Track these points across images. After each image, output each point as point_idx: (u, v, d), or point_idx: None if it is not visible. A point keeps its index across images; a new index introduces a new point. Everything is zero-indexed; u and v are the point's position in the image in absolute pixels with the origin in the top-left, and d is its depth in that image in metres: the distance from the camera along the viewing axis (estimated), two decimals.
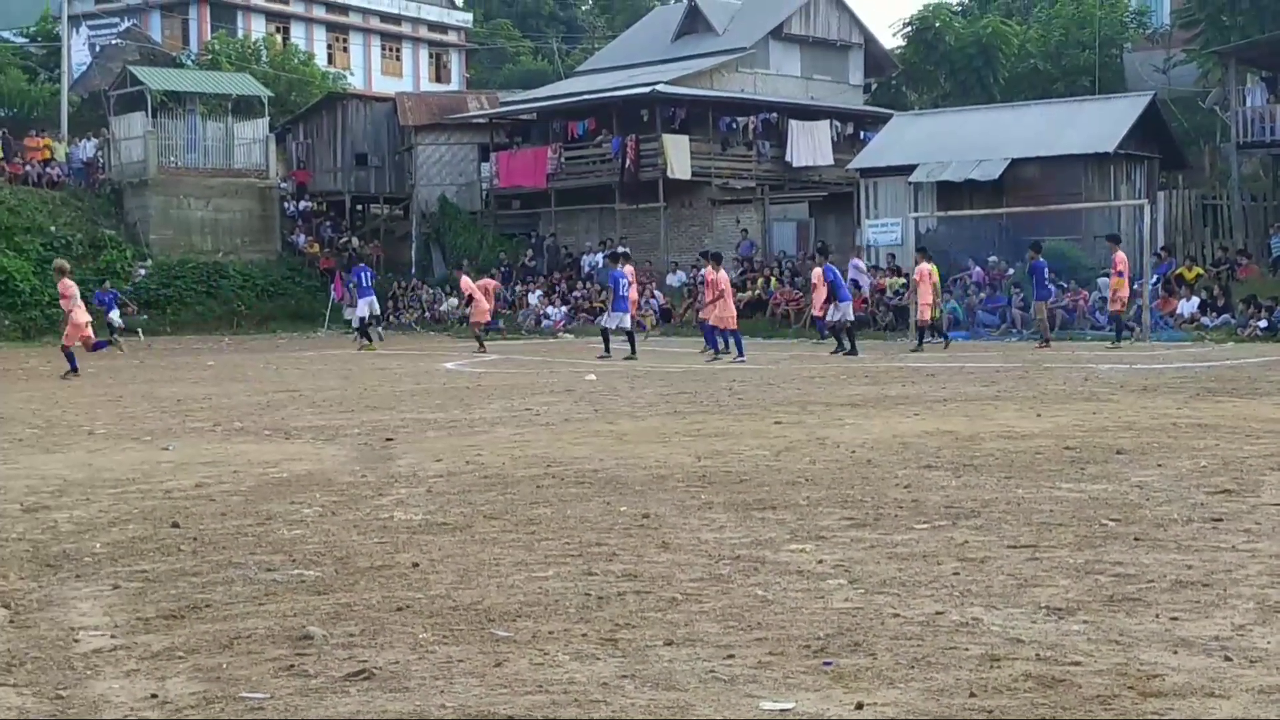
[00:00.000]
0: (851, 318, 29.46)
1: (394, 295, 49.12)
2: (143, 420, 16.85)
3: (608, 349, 28.64)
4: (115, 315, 36.44)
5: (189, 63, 62.20)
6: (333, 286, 46.86)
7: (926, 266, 30.78)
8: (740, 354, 26.93)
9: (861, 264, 39.64)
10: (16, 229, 44.58)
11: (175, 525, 9.14)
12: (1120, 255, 30.02)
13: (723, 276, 28.56)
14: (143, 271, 45.41)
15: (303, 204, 55.04)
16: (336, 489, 10.70)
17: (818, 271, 29.50)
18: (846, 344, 28.59)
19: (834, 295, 28.78)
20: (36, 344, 39.25)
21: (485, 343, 32.72)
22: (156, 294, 44.63)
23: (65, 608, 7.01)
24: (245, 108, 50.78)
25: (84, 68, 62.31)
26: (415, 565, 7.64)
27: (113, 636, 6.38)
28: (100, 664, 5.92)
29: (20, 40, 64.57)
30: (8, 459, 13.24)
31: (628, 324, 29.46)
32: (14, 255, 43.28)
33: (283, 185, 53.28)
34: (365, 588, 7.15)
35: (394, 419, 16.26)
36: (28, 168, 48.21)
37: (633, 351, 28.36)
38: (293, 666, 5.70)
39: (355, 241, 53.29)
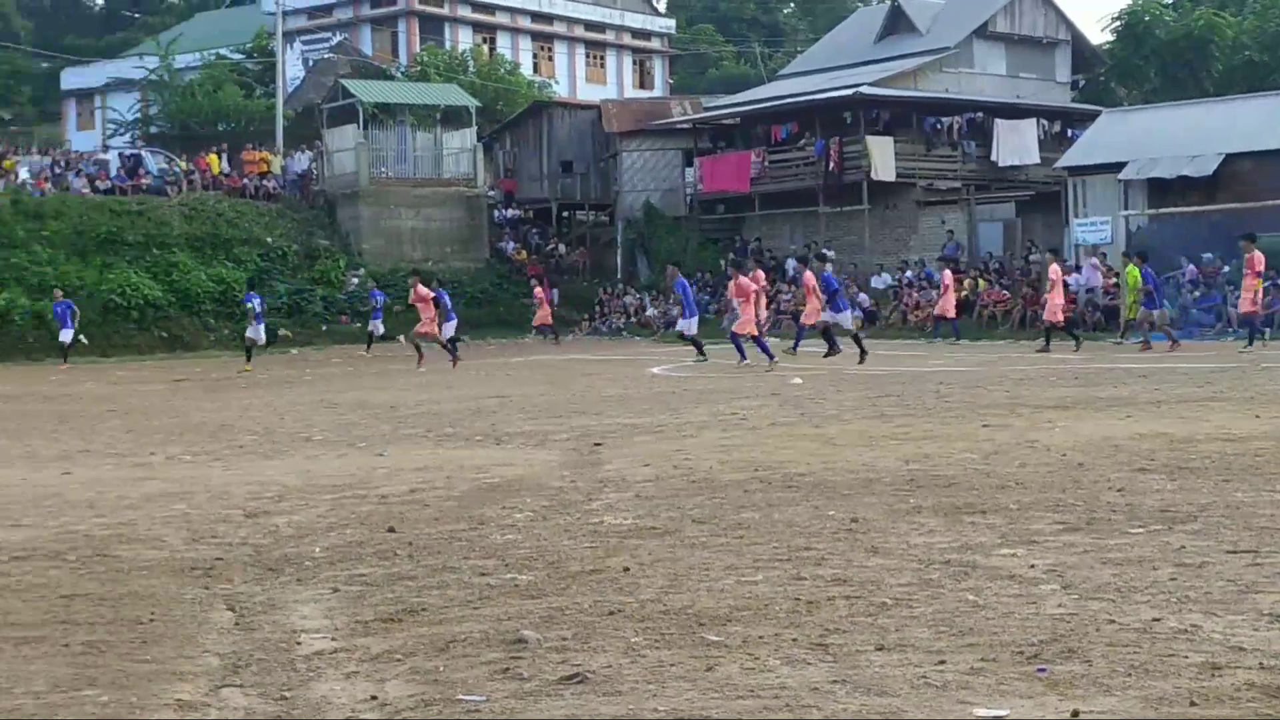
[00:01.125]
0: (848, 325, 28.97)
1: (600, 301, 49.55)
2: (358, 427, 17.25)
3: (834, 348, 28.39)
4: (378, 324, 37.32)
5: (398, 75, 63.50)
6: (535, 293, 47.45)
7: (1058, 267, 30.52)
8: (743, 357, 27.31)
9: (1097, 263, 38.85)
10: (235, 240, 46.00)
11: (391, 530, 9.34)
12: (1257, 255, 28.96)
13: (745, 283, 28.31)
14: (355, 280, 46.45)
15: (510, 212, 55.82)
16: (547, 494, 10.83)
17: (809, 276, 29.63)
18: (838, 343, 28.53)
19: (831, 301, 28.40)
20: (256, 353, 40.39)
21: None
22: (369, 302, 45.64)
23: (287, 611, 7.21)
24: (453, 118, 51.67)
25: (298, 82, 64.01)
26: (625, 569, 7.69)
27: (333, 639, 6.54)
28: (322, 666, 6.07)
29: (237, 57, 66.59)
30: (230, 465, 13.65)
31: (694, 329, 29.50)
32: (232, 266, 44.64)
33: (490, 194, 54.08)
34: (577, 592, 7.22)
35: (602, 424, 16.39)
36: (245, 181, 49.68)
37: (700, 353, 29.24)
38: (508, 670, 5.79)
39: (562, 248, 53.88)
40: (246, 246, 46.05)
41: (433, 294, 31.70)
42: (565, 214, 57.73)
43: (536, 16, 76.24)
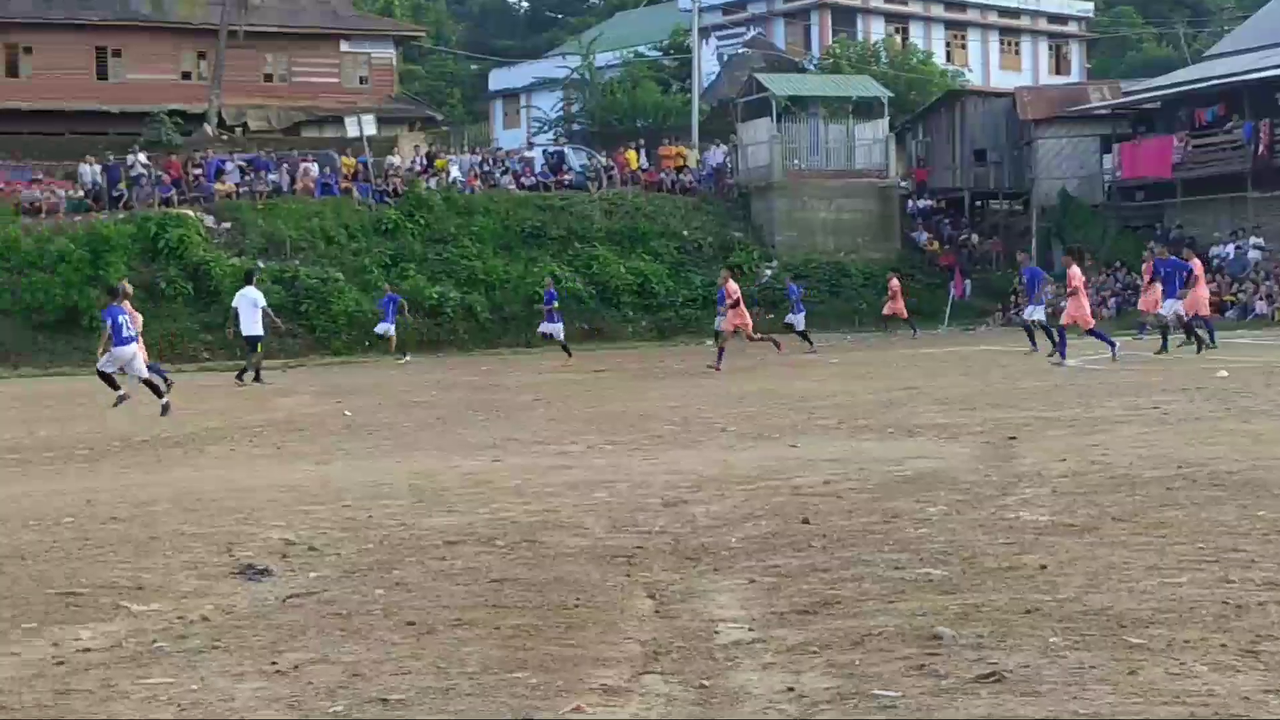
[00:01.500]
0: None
1: (1014, 290, 48.57)
2: (770, 418, 17.42)
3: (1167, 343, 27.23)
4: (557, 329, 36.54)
5: (811, 68, 63.76)
6: (953, 284, 46.89)
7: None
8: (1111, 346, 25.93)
9: None
10: (652, 234, 47.08)
11: (805, 521, 9.41)
12: None
13: (1075, 273, 26.65)
14: (769, 272, 46.90)
15: (922, 202, 55.31)
16: (961, 488, 10.71)
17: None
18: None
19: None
20: (671, 344, 41.30)
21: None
22: (781, 294, 45.96)
23: (705, 600, 7.36)
24: (865, 109, 51.56)
25: (713, 77, 65.02)
26: (1043, 567, 7.55)
27: (750, 629, 6.64)
28: (739, 656, 6.18)
29: (655, 55, 68.12)
30: (649, 455, 14.00)
31: (1039, 315, 28.22)
32: (650, 259, 45.71)
33: (902, 184, 53.73)
34: (992, 588, 7.13)
35: (1016, 417, 16.09)
36: (662, 175, 50.77)
37: (1032, 343, 28.77)
38: (923, 666, 5.76)
39: (975, 238, 53.08)
40: (663, 239, 47.08)
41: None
42: (978, 203, 56.82)
43: (950, 5, 75.26)
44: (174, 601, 7.66)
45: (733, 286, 28.98)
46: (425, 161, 49.44)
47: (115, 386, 21.52)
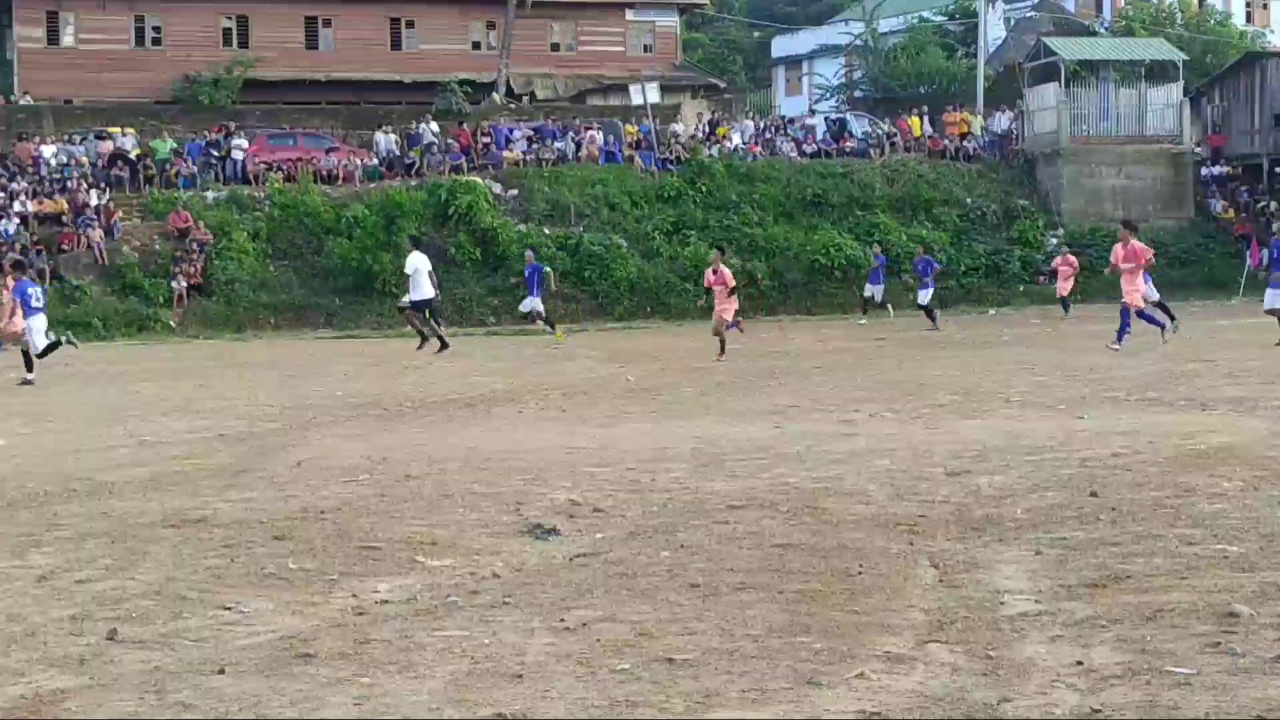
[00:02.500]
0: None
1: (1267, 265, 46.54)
2: (1056, 389, 17.07)
3: None
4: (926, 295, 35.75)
5: (1102, 30, 61.96)
6: (1249, 253, 45.12)
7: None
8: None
9: None
10: (935, 201, 46.41)
11: (1093, 494, 9.22)
12: None
13: (1138, 247, 24.28)
14: (1054, 240, 45.81)
15: (1217, 168, 53.34)
16: (1258, 463, 10.35)
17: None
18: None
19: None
20: (952, 314, 40.73)
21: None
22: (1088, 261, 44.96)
23: (990, 570, 7.28)
24: (1158, 73, 49.89)
25: (999, 42, 63.67)
26: None
27: (1037, 601, 6.55)
28: (1026, 628, 6.11)
29: (940, 19, 67.05)
30: (930, 424, 13.87)
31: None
32: (932, 227, 45.09)
33: (1196, 150, 51.89)
34: None
35: None
36: (946, 142, 50.02)
37: None
38: (1219, 644, 5.62)
39: (1273, 205, 50.99)
40: (946, 207, 46.39)
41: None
42: (1278, 169, 54.51)
43: None
44: (466, 557, 7.91)
45: (726, 272, 26.01)
46: (707, 129, 49.63)
47: (30, 367, 21.99)
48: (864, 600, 6.68)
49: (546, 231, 42.20)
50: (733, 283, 26.08)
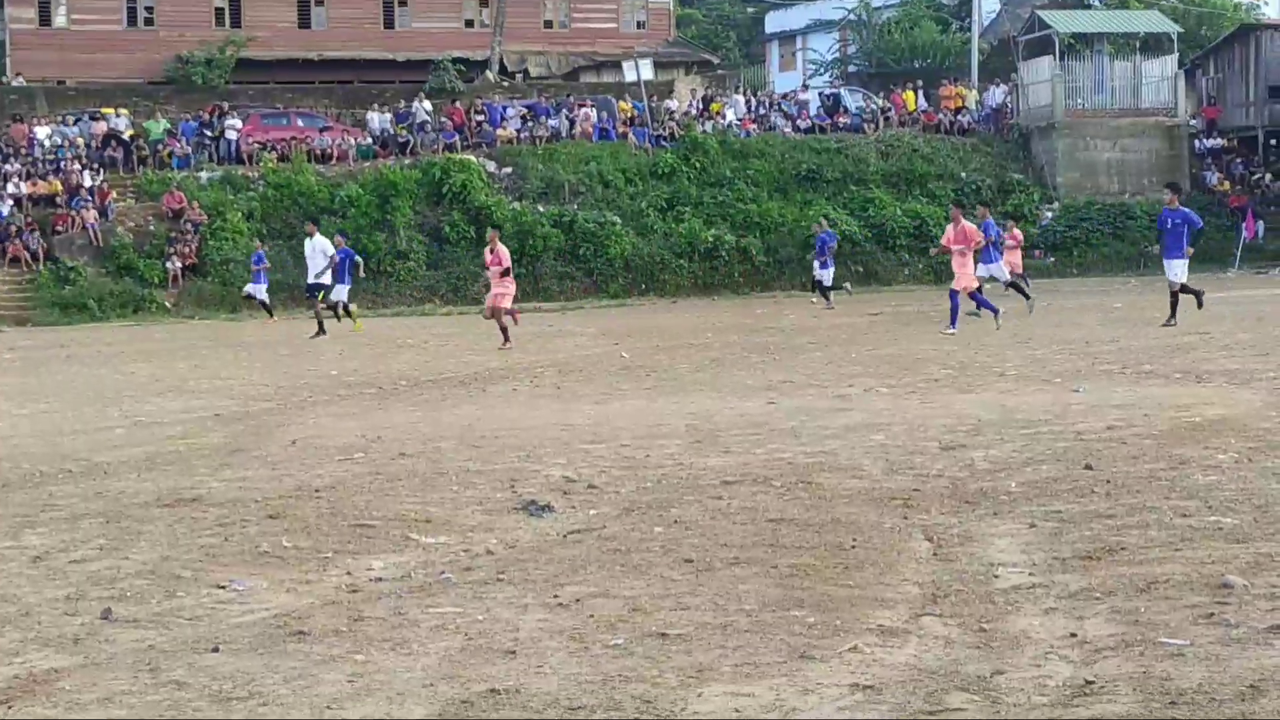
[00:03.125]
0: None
1: None
2: (1051, 362, 17.06)
3: None
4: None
5: (1096, 3, 61.80)
6: (1244, 225, 45.11)
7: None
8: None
9: None
10: (929, 176, 46.35)
11: (1088, 467, 9.22)
12: None
13: (969, 230, 23.90)
14: (1049, 214, 45.80)
15: (1212, 141, 53.27)
16: (1252, 435, 10.35)
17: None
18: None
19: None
20: (947, 288, 40.66)
21: None
22: (1063, 236, 44.89)
23: (984, 543, 7.28)
24: (1153, 45, 49.79)
25: (993, 15, 63.51)
26: None
27: (1030, 574, 6.56)
28: (1020, 600, 6.11)
29: None
30: (925, 398, 13.87)
31: None
32: (926, 201, 45.04)
33: (1191, 122, 51.81)
34: None
35: None
36: (940, 116, 49.93)
37: None
38: (1212, 615, 5.62)
39: (1268, 178, 50.94)
40: (940, 182, 46.31)
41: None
42: (1273, 141, 54.43)
43: None
44: (460, 534, 7.91)
45: (503, 251, 24.10)
46: (701, 105, 49.54)
47: None
48: (858, 574, 6.68)
49: (541, 209, 42.13)
50: (508, 263, 24.05)
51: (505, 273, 23.78)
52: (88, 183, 40.41)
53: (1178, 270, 22.42)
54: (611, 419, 13.03)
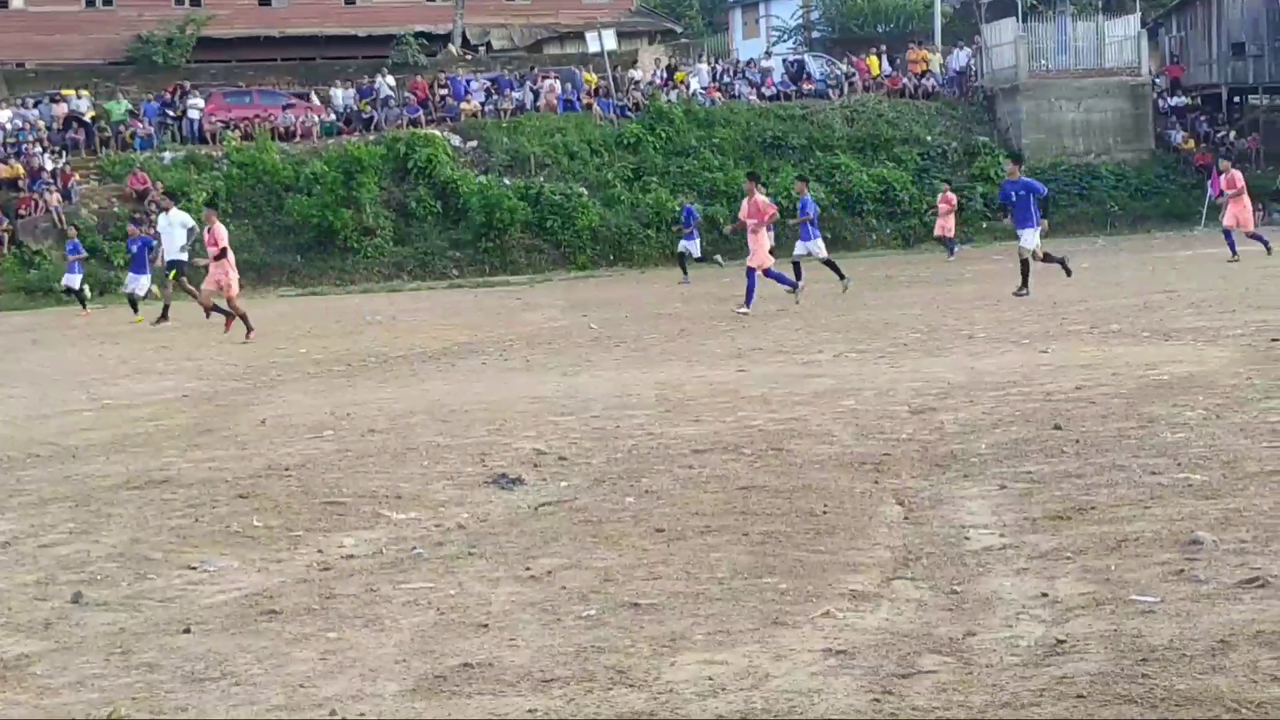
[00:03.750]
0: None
1: (1276, 190, 46.72)
2: (1019, 324, 17.11)
3: None
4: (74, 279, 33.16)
5: None
6: (1209, 183, 45.26)
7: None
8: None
9: None
10: (895, 140, 46.41)
11: (1057, 427, 9.25)
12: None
13: (761, 203, 22.83)
14: None
15: (1176, 99, 53.42)
16: (1220, 391, 10.40)
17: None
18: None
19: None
20: (915, 252, 40.80)
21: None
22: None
23: (955, 506, 7.30)
24: (1116, 5, 49.95)
25: None
26: None
27: (1001, 535, 6.58)
28: (991, 561, 6.13)
29: None
30: (895, 363, 13.89)
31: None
32: (893, 166, 45.09)
33: (1155, 81, 51.93)
34: (1255, 493, 6.93)
35: (1278, 319, 15.50)
36: (905, 80, 49.95)
37: None
38: (1182, 571, 5.64)
39: (1233, 135, 51.13)
40: (906, 146, 46.37)
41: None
42: (1236, 99, 54.62)
43: None
44: (431, 510, 7.89)
45: (220, 231, 22.69)
46: (665, 74, 49.45)
47: None
48: (829, 540, 6.69)
49: (507, 182, 42.02)
50: (225, 243, 22.56)
51: (222, 254, 22.37)
52: (50, 165, 40.13)
53: (1027, 239, 22.27)
54: (581, 390, 13.02)
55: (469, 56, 52.34)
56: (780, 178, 43.22)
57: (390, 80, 46.57)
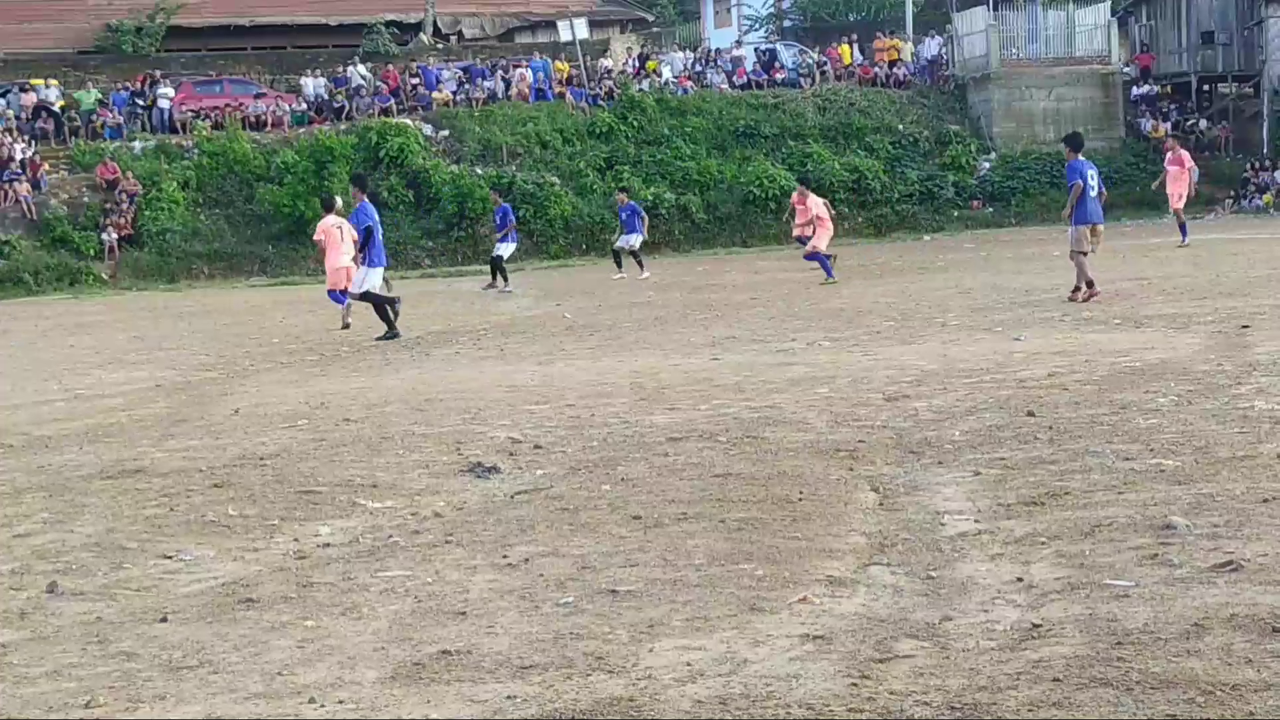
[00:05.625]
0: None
1: (1245, 178, 46.94)
2: (992, 311, 17.17)
3: None
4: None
5: None
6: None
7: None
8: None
9: None
10: (867, 129, 46.43)
11: (1031, 414, 9.29)
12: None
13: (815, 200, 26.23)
14: (987, 165, 45.99)
15: (1146, 88, 53.59)
16: (1192, 378, 10.46)
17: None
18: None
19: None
20: (887, 241, 40.88)
21: None
22: (1000, 187, 45.08)
23: (930, 492, 7.33)
24: None
25: None
26: (1279, 456, 7.36)
27: (976, 521, 6.61)
28: (966, 547, 6.16)
29: None
30: (868, 351, 13.92)
31: None
32: (865, 155, 45.13)
33: (1125, 70, 52.08)
34: (1227, 478, 6.98)
35: (1249, 305, 15.59)
36: (876, 69, 49.98)
37: None
38: (1156, 555, 5.68)
39: (1203, 124, 51.33)
40: (878, 135, 46.41)
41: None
42: (1205, 87, 54.81)
43: None
44: (407, 498, 7.89)
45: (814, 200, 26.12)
46: (637, 64, 49.39)
47: None
48: (805, 526, 6.71)
49: (479, 171, 41.92)
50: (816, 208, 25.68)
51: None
52: (19, 155, 39.87)
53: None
54: (556, 379, 13.02)
55: (440, 45, 52.18)
56: (753, 167, 43.27)
57: (362, 69, 46.41)
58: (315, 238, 21.72)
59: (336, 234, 20.53)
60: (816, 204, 26.28)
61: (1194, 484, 6.92)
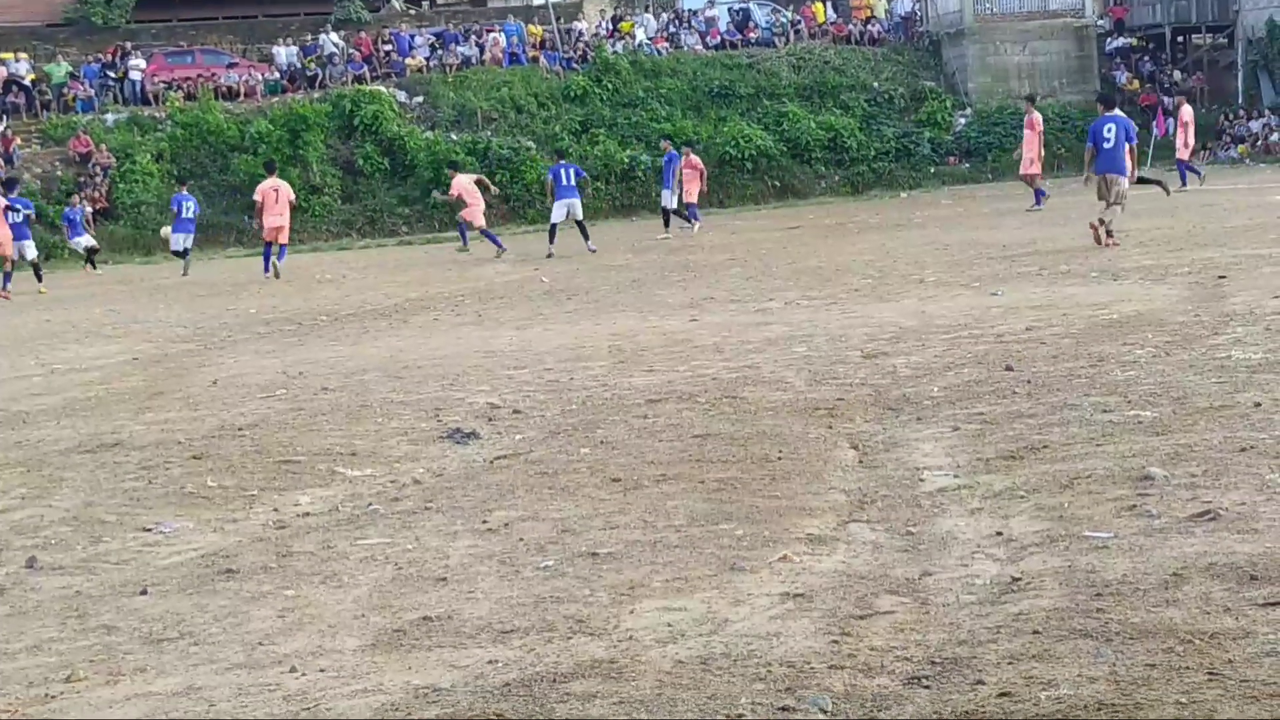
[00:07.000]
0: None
1: (1220, 129, 46.97)
2: (969, 267, 17.17)
3: None
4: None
5: None
6: (1154, 123, 45.50)
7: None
8: None
9: None
10: (842, 87, 46.37)
11: (1009, 368, 9.31)
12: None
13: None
14: (963, 121, 45.96)
15: (1120, 40, 53.56)
16: (1169, 329, 10.48)
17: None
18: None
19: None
20: (864, 199, 40.87)
21: None
22: (976, 142, 45.05)
23: (908, 448, 7.34)
24: None
25: None
26: (1257, 405, 7.38)
27: (955, 476, 6.62)
28: (945, 502, 6.17)
29: None
30: (846, 309, 13.92)
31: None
32: (840, 113, 45.08)
33: (1099, 23, 52.03)
34: (1205, 428, 6.99)
35: (1225, 256, 15.63)
36: (851, 27, 49.89)
37: None
38: (1134, 506, 5.70)
39: (1178, 75, 51.33)
40: (853, 93, 46.36)
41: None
42: (1180, 39, 54.84)
43: None
44: (386, 466, 7.88)
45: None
46: (611, 26, 49.25)
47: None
48: (785, 485, 6.72)
49: (454, 137, 41.80)
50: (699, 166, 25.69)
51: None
52: None
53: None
54: (534, 343, 13.00)
55: (412, 11, 51.93)
56: (728, 127, 43.18)
57: (334, 37, 46.17)
58: (254, 198, 26.51)
59: (272, 195, 25.89)
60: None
61: (1172, 434, 6.93)
